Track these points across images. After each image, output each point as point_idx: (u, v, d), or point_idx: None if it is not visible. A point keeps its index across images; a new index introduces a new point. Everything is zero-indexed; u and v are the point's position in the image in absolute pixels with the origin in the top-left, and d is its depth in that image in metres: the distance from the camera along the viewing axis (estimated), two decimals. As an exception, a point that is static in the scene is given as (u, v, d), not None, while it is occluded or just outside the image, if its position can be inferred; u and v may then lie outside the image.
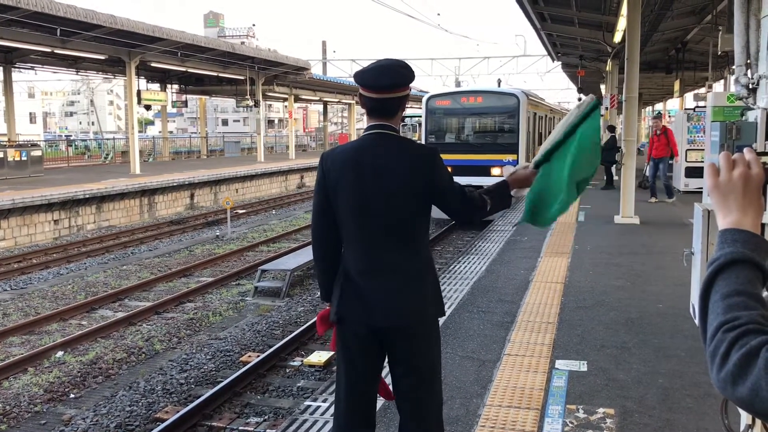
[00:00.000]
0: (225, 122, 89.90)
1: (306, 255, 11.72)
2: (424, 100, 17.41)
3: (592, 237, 10.60)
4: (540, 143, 20.92)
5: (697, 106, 18.93)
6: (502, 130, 17.10)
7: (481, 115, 17.44)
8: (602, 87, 30.38)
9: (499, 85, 22.52)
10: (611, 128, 19.33)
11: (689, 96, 30.04)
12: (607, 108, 20.17)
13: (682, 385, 4.60)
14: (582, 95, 34.78)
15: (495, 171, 16.32)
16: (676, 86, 23.95)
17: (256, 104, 31.81)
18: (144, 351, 8.34)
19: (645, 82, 26.71)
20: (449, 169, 2.75)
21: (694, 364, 4.95)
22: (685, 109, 20.96)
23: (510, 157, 16.36)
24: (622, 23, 14.75)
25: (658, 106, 46.54)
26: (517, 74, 63.38)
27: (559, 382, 4.65)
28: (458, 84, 43.71)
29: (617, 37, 17.47)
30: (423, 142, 16.38)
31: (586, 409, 4.19)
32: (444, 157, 2.80)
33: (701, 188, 11.53)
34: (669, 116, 36.71)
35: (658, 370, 4.87)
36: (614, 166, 17.37)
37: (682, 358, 5.11)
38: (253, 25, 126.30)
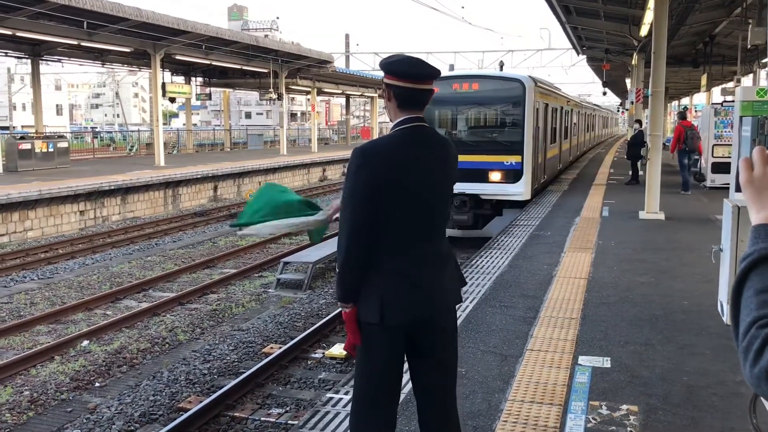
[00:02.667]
0: (248, 115, 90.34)
1: (328, 248, 11.75)
2: None
3: (616, 232, 10.49)
4: (553, 141, 18.02)
5: (725, 101, 18.65)
6: (503, 125, 13.90)
7: (478, 105, 13.99)
8: (628, 81, 30.05)
9: (501, 69, 17.75)
10: (638, 122, 19.07)
11: (716, 90, 29.61)
12: (632, 102, 19.91)
13: (707, 383, 4.54)
14: (607, 89, 34.40)
15: (494, 176, 13.32)
16: (704, 80, 23.62)
17: (279, 97, 31.93)
18: (168, 341, 8.43)
19: (671, 76, 26.38)
20: None
21: (720, 362, 4.88)
22: (713, 103, 20.66)
23: (513, 159, 13.24)
24: (648, 16, 14.58)
25: (685, 101, 45.93)
26: (542, 67, 63.18)
27: (582, 378, 4.62)
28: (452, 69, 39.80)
29: (644, 31, 17.27)
30: None
31: (610, 406, 4.16)
32: None
33: (728, 184, 11.34)
34: (695, 111, 36.18)
35: (683, 368, 4.81)
36: (640, 161, 17.08)
37: (708, 356, 5.04)
38: (277, 18, 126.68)
